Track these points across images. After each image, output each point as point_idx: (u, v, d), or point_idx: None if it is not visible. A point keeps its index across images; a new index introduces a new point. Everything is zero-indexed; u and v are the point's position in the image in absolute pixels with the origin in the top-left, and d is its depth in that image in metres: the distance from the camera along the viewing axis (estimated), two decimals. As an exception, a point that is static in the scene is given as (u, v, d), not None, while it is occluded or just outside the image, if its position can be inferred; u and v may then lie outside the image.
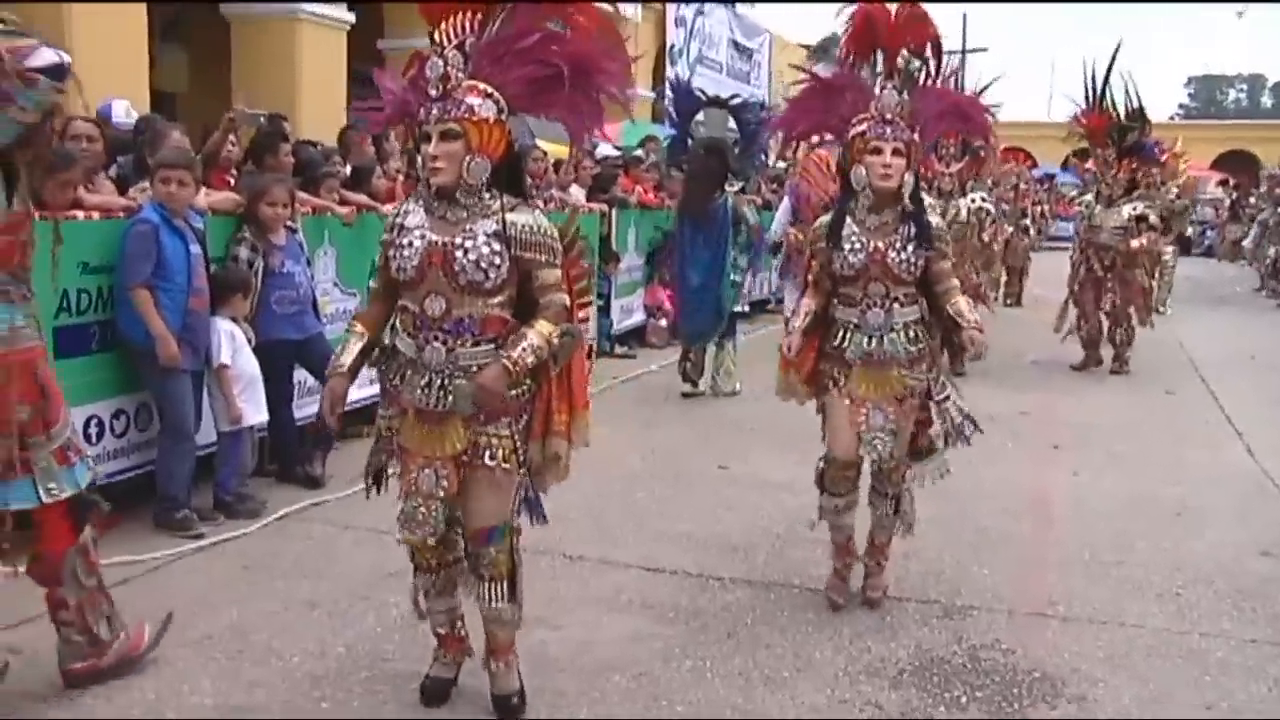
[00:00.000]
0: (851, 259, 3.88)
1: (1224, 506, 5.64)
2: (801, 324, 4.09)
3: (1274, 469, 6.35)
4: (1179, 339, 11.41)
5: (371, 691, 3.41)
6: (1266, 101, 74.65)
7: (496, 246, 2.94)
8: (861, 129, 3.82)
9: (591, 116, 3.08)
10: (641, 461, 6.21)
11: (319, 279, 6.02)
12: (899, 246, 3.85)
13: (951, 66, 4.26)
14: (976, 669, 3.70)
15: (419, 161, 2.97)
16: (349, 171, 6.98)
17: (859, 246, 3.87)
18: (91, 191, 4.93)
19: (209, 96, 11.89)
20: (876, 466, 4.03)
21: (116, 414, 4.86)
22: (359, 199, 6.64)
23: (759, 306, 12.32)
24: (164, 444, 4.88)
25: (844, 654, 3.79)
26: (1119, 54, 9.17)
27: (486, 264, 2.93)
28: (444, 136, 2.89)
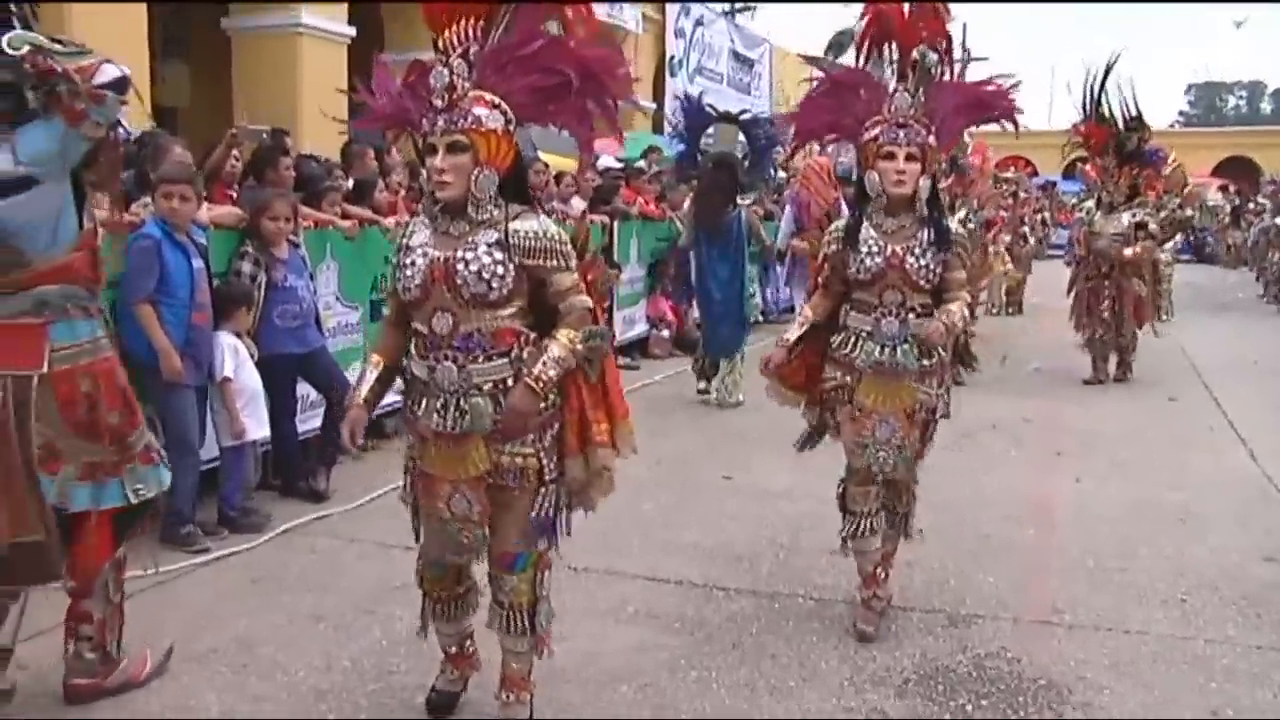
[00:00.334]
0: (869, 263, 3.80)
1: (1227, 512, 5.64)
2: (794, 335, 4.05)
3: (1277, 474, 6.34)
4: (1181, 345, 11.38)
5: (377, 705, 3.41)
6: (1266, 108, 74.61)
7: (499, 256, 2.84)
8: (875, 133, 3.75)
9: (607, 123, 3.00)
10: (646, 472, 6.19)
11: (321, 293, 6.02)
12: (918, 252, 3.77)
13: (956, 73, 4.22)
14: (981, 677, 3.69)
15: (424, 174, 2.91)
16: (351, 185, 6.99)
17: (876, 250, 3.79)
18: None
19: (210, 111, 11.95)
20: (883, 478, 3.95)
21: (120, 429, 4.85)
22: (361, 213, 6.67)
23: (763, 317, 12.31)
24: (168, 458, 4.86)
25: (849, 663, 3.78)
26: (1116, 63, 9.17)
27: (489, 274, 2.83)
28: (451, 149, 2.81)
